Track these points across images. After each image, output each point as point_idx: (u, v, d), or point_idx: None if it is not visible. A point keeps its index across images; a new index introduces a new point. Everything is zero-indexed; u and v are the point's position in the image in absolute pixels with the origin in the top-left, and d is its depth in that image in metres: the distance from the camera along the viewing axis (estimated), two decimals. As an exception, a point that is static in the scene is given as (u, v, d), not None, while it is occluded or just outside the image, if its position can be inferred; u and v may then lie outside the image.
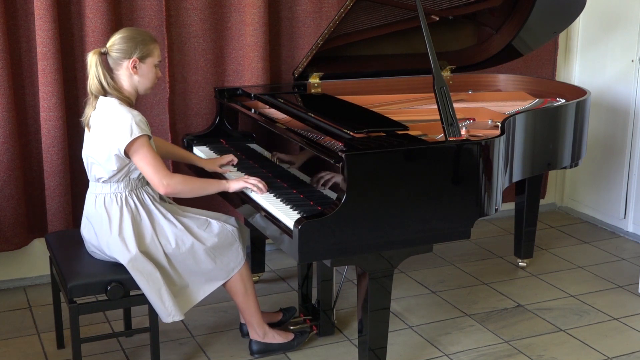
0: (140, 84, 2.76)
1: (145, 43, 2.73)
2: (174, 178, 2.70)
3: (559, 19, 3.73)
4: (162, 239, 2.75)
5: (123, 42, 2.71)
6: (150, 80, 2.78)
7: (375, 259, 2.58)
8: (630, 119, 4.35)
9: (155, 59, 2.76)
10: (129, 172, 2.73)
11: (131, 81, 2.74)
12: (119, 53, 2.71)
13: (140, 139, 2.64)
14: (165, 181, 2.67)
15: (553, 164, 3.42)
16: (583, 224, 4.67)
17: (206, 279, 2.81)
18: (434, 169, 2.60)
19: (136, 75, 2.73)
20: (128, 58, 2.70)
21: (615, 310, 3.47)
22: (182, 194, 2.75)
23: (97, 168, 2.72)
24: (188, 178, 2.80)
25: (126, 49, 2.70)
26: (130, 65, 2.71)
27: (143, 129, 2.65)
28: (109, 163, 2.68)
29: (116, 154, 2.65)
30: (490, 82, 4.07)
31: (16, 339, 3.19)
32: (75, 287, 2.66)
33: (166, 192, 2.70)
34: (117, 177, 2.72)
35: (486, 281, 3.79)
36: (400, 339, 3.20)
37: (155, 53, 2.76)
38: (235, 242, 2.86)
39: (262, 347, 3.00)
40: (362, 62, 3.77)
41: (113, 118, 2.66)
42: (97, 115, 2.71)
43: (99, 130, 2.69)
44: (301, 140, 2.78)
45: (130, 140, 2.61)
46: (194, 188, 2.79)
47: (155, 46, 2.77)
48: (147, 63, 2.74)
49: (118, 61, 2.72)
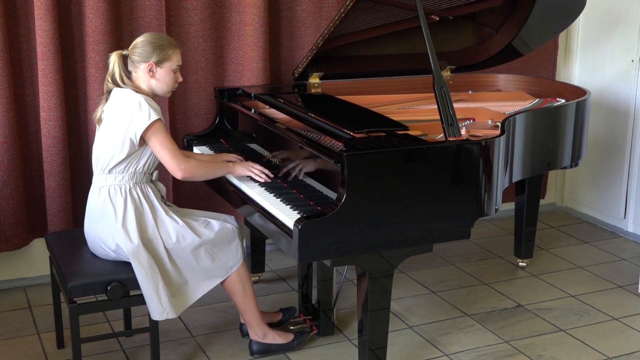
0: (157, 87, 2.85)
1: (164, 48, 2.81)
2: (189, 162, 2.81)
3: (559, 19, 3.73)
4: (163, 233, 2.77)
5: (142, 46, 2.80)
6: (168, 84, 2.86)
7: (375, 259, 2.58)
8: (630, 119, 4.35)
9: (173, 63, 2.84)
10: (136, 162, 2.77)
11: (148, 84, 2.83)
12: (137, 56, 2.79)
13: (158, 122, 2.73)
14: (182, 165, 2.76)
15: (553, 164, 3.42)
16: (583, 224, 4.67)
17: (205, 277, 2.82)
18: (434, 169, 2.60)
19: (153, 78, 2.82)
20: (145, 61, 2.79)
21: (615, 310, 3.47)
22: (198, 177, 2.88)
23: (107, 153, 2.75)
24: (201, 162, 2.93)
25: (144, 53, 2.79)
26: (146, 68, 2.79)
27: (159, 114, 2.74)
28: (122, 148, 2.73)
29: (131, 138, 2.71)
30: (490, 82, 4.07)
31: (16, 339, 3.19)
32: (75, 287, 2.66)
33: (183, 177, 2.78)
34: (123, 165, 2.75)
35: (486, 281, 3.80)
36: (400, 339, 3.20)
37: (173, 58, 2.84)
38: (235, 240, 2.87)
39: (262, 347, 3.00)
40: (362, 62, 3.77)
41: (130, 103, 2.73)
42: (112, 104, 2.79)
43: (115, 116, 2.75)
44: (301, 140, 2.78)
45: (149, 124, 2.69)
46: (207, 171, 2.93)
47: (175, 51, 2.85)
48: (164, 67, 2.82)
49: (136, 64, 2.80)
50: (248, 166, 2.93)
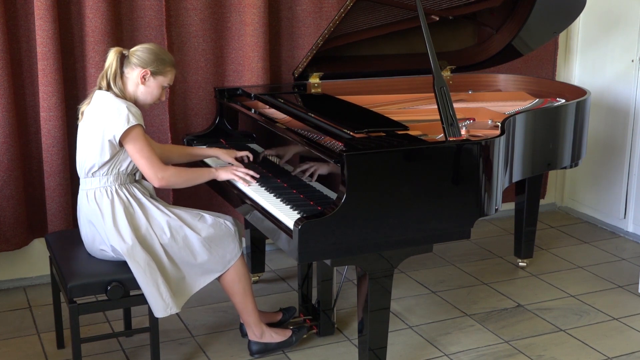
0: (142, 96, 2.83)
1: (164, 63, 2.82)
2: (167, 170, 2.77)
3: (559, 19, 3.73)
4: (157, 229, 2.76)
5: (144, 52, 2.80)
6: (152, 96, 2.85)
7: (375, 259, 2.58)
8: (630, 119, 4.35)
9: (165, 80, 2.85)
10: (119, 163, 2.76)
11: (135, 89, 2.82)
12: (137, 60, 2.79)
13: (136, 128, 2.71)
14: (160, 174, 2.74)
15: (553, 164, 3.42)
16: (583, 224, 4.67)
17: (202, 271, 2.82)
18: (434, 169, 2.60)
19: (142, 85, 2.81)
20: (142, 67, 2.79)
21: (615, 310, 3.47)
22: (176, 185, 2.84)
23: (89, 158, 2.75)
24: (181, 169, 2.86)
25: (145, 59, 2.79)
26: (141, 74, 2.79)
27: (138, 120, 2.72)
28: (103, 151, 2.72)
29: (110, 140, 2.69)
30: (490, 82, 4.07)
31: (16, 339, 3.19)
32: (75, 287, 2.66)
33: (160, 185, 2.76)
34: (106, 168, 2.75)
35: (486, 281, 3.80)
36: (400, 339, 3.20)
37: (168, 76, 2.85)
38: (231, 234, 2.87)
39: (260, 347, 3.01)
40: (362, 62, 3.77)
41: (109, 107, 2.72)
42: (93, 107, 2.78)
43: (93, 120, 2.74)
44: (301, 140, 2.78)
45: (127, 128, 2.68)
46: (188, 178, 2.88)
47: (172, 71, 2.86)
48: (157, 80, 2.82)
49: (133, 66, 2.79)
50: (232, 170, 2.91)
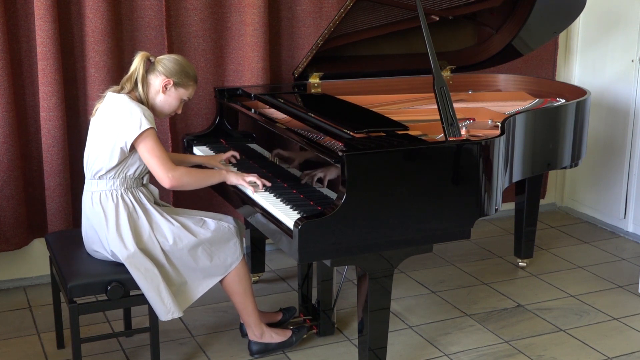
0: (159, 103, 2.84)
1: (188, 76, 2.85)
2: (178, 170, 2.76)
3: (559, 19, 3.73)
4: (160, 236, 2.76)
5: (171, 62, 2.82)
6: (170, 106, 2.86)
7: (375, 259, 2.58)
8: (630, 119, 4.35)
9: (186, 93, 2.87)
10: (126, 168, 2.76)
11: (155, 96, 2.83)
12: (163, 68, 2.80)
13: (149, 131, 2.70)
14: (170, 174, 2.73)
15: (553, 164, 3.42)
16: (583, 224, 4.67)
17: (204, 275, 2.82)
18: (434, 169, 2.60)
19: (162, 94, 2.82)
20: (167, 76, 2.80)
21: (615, 310, 3.47)
22: (187, 186, 2.82)
23: (98, 161, 2.74)
24: (191, 169, 2.87)
25: (171, 69, 2.80)
26: (163, 82, 2.80)
27: (151, 122, 2.72)
28: (112, 157, 2.71)
29: (122, 147, 2.69)
30: (490, 82, 4.07)
31: (16, 339, 3.19)
32: (75, 287, 2.66)
33: (171, 185, 2.75)
34: (113, 172, 2.74)
35: (486, 281, 3.80)
36: (400, 339, 3.20)
37: (189, 90, 2.88)
38: (232, 238, 2.87)
39: (260, 347, 3.01)
40: (362, 62, 3.77)
41: (122, 111, 2.71)
42: (105, 109, 2.77)
43: (106, 123, 2.74)
44: (301, 140, 2.78)
45: (140, 133, 2.67)
46: (198, 179, 2.86)
47: (193, 85, 2.89)
48: (178, 91, 2.84)
49: (157, 73, 2.81)
50: (241, 176, 2.87)
